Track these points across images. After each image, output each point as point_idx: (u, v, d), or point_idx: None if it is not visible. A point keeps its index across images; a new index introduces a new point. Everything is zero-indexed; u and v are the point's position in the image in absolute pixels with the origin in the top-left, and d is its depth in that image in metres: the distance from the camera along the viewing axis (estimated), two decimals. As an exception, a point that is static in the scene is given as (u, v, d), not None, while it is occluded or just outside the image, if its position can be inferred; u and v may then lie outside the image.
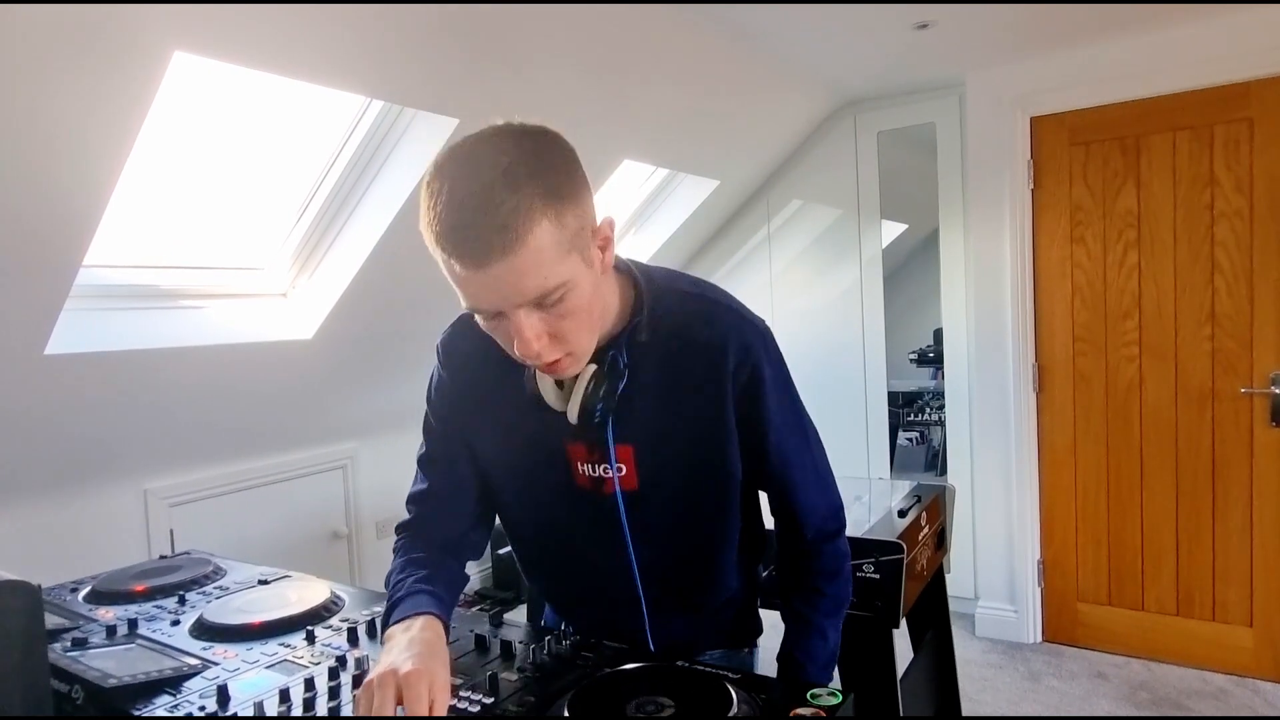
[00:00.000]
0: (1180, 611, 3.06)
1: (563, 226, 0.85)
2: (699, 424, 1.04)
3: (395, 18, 1.85)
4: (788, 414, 1.09)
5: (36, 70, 1.46)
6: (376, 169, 2.39)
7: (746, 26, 2.54)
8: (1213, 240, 2.89)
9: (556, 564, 1.20)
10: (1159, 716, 2.75)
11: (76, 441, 2.15)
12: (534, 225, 0.83)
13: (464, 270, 0.84)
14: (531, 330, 0.88)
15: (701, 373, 1.03)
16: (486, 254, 0.82)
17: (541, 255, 0.84)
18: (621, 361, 1.01)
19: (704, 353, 1.03)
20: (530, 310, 0.88)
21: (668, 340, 1.03)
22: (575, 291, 0.89)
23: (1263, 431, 2.86)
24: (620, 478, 1.06)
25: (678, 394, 1.03)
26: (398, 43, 1.93)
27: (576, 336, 0.92)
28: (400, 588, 1.05)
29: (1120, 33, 2.86)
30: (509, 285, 0.85)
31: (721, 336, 1.03)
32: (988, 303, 3.29)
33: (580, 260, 0.89)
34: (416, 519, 1.16)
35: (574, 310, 0.90)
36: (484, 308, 0.89)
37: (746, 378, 1.03)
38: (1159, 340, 3.01)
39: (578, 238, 0.88)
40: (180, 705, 0.97)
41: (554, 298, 0.87)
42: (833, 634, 1.13)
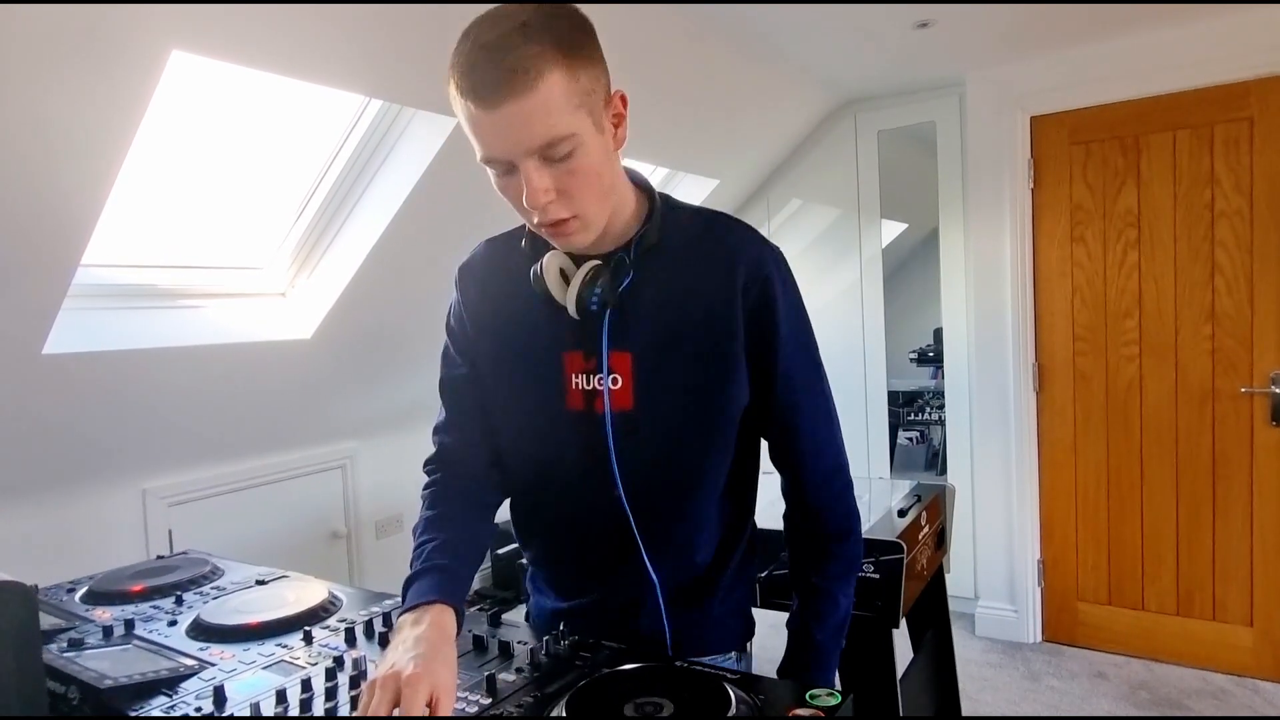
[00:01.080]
0: (1180, 611, 3.06)
1: (574, 80, 0.88)
2: (704, 336, 1.02)
3: (395, 18, 1.85)
4: (800, 339, 1.07)
5: (34, 69, 1.46)
6: (376, 168, 2.39)
7: (747, 26, 2.53)
8: (1213, 240, 2.89)
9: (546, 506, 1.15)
10: (1159, 716, 2.74)
11: (74, 441, 2.14)
12: (545, 71, 0.86)
13: (477, 109, 0.87)
14: (540, 183, 0.90)
15: (710, 283, 1.01)
16: (496, 92, 0.86)
17: (551, 102, 0.87)
18: (628, 259, 1.02)
19: (714, 263, 1.02)
20: (540, 164, 0.90)
21: (678, 249, 1.03)
22: (583, 149, 0.90)
23: (1263, 431, 2.86)
24: (614, 392, 1.03)
25: (683, 303, 1.02)
26: (397, 43, 1.93)
27: (584, 197, 0.93)
28: (419, 555, 1.05)
29: (1120, 33, 2.86)
30: (518, 128, 0.87)
31: (733, 248, 1.02)
32: (988, 302, 3.29)
33: (590, 121, 0.91)
34: (439, 451, 1.16)
35: (582, 169, 0.91)
36: (495, 155, 0.91)
37: (758, 293, 1.01)
38: (1159, 340, 3.01)
39: (589, 97, 0.90)
40: (177, 706, 0.97)
41: (562, 150, 0.89)
42: (844, 599, 1.10)
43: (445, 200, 2.40)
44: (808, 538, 1.12)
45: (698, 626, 1.13)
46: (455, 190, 2.37)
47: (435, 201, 2.37)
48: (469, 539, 1.09)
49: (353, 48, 1.89)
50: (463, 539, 1.08)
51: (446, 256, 2.44)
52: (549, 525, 1.18)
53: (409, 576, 1.03)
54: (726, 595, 1.15)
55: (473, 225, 2.55)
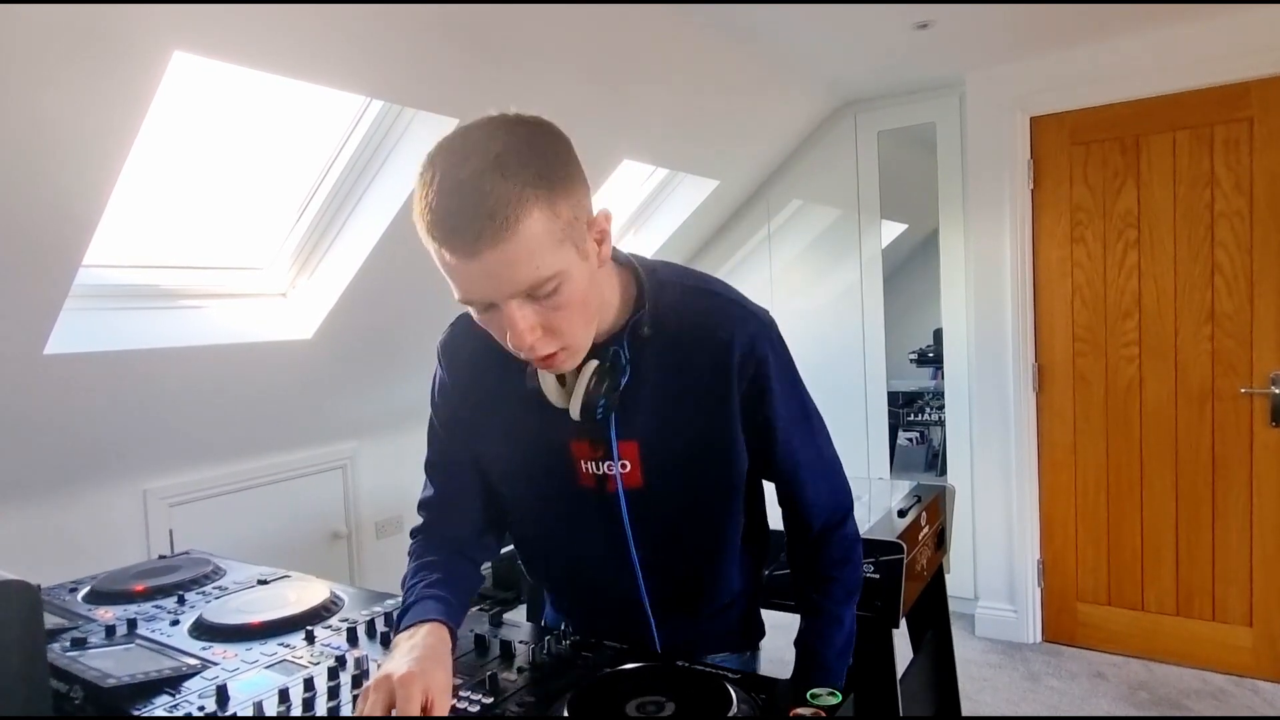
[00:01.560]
0: (1180, 611, 3.06)
1: (555, 216, 0.84)
2: (704, 419, 1.03)
3: (395, 18, 1.85)
4: (793, 405, 1.09)
5: (36, 70, 1.46)
6: (376, 169, 2.39)
7: (746, 26, 2.54)
8: (1213, 240, 2.89)
9: (560, 566, 1.20)
10: (1159, 716, 2.75)
11: (76, 441, 2.15)
12: (525, 214, 0.81)
13: (455, 259, 0.83)
14: (525, 322, 0.87)
15: (706, 367, 1.02)
16: (476, 242, 0.81)
17: (533, 244, 0.82)
18: (624, 357, 1.01)
19: (708, 347, 1.02)
20: (523, 302, 0.86)
21: (671, 335, 1.02)
22: (569, 283, 0.87)
23: (1263, 431, 2.86)
24: (624, 475, 1.05)
25: (682, 389, 1.03)
26: (398, 43, 1.93)
27: (571, 330, 0.91)
28: (410, 593, 1.05)
29: (1120, 33, 2.86)
30: (500, 275, 0.83)
31: (727, 331, 1.02)
32: (988, 303, 3.29)
33: (574, 252, 0.87)
34: (426, 525, 1.16)
35: (568, 303, 0.88)
36: (476, 299, 0.88)
37: (753, 372, 1.03)
38: (1159, 340, 3.01)
39: (571, 228, 0.86)
40: (179, 705, 0.97)
41: (547, 289, 0.86)
42: (848, 619, 1.13)
43: (446, 201, 2.40)
44: (811, 565, 1.15)
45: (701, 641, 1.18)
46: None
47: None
48: (460, 581, 1.10)
49: (353, 48, 1.89)
50: (454, 580, 1.08)
51: (447, 257, 2.45)
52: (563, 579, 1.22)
53: (402, 609, 1.03)
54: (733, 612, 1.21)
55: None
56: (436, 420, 1.15)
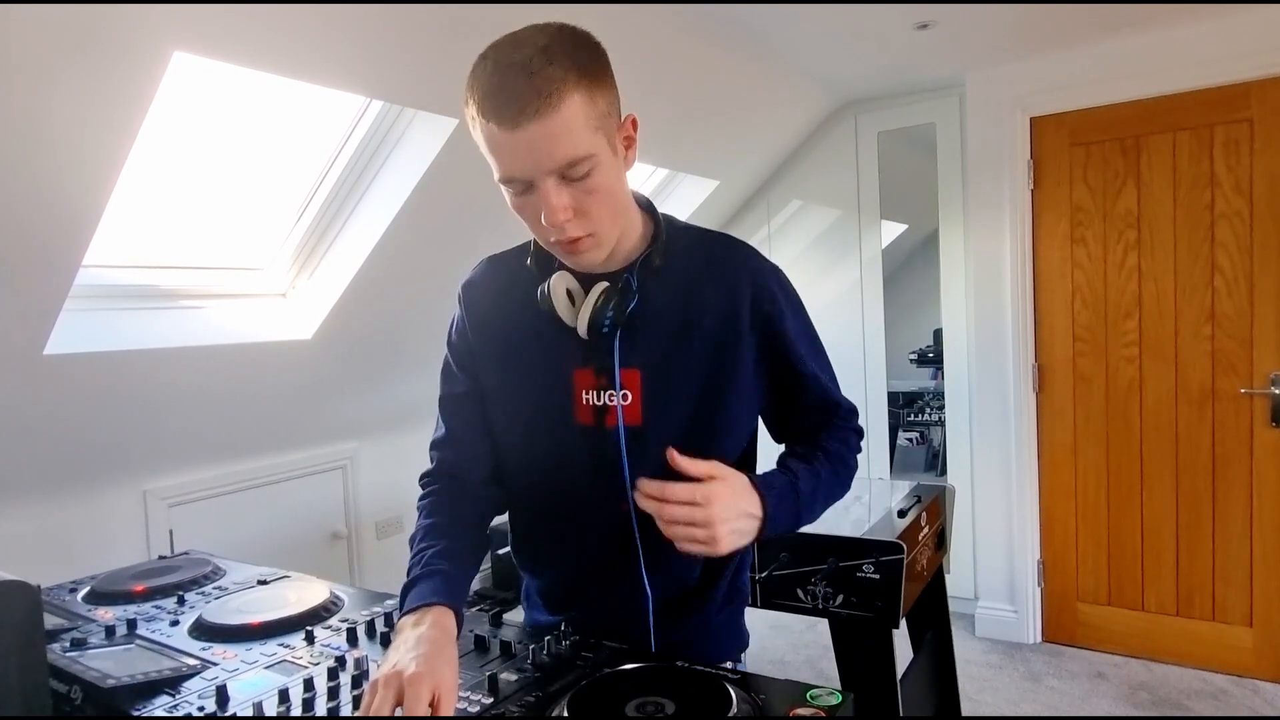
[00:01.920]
0: (1180, 612, 3.06)
1: (592, 102, 0.92)
2: (711, 357, 1.05)
3: (395, 18, 1.85)
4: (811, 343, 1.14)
5: (36, 70, 1.46)
6: (376, 169, 2.39)
7: (747, 27, 2.54)
8: (1213, 241, 2.89)
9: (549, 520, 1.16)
10: (1159, 717, 2.75)
11: (75, 441, 2.15)
12: (567, 94, 0.89)
13: (500, 130, 0.90)
14: (559, 200, 0.93)
15: (716, 299, 1.06)
16: (520, 113, 0.88)
17: (572, 123, 0.90)
18: (634, 281, 1.05)
19: (719, 281, 1.06)
20: (558, 182, 0.93)
21: (682, 268, 1.07)
22: (601, 169, 0.94)
23: (1263, 431, 2.86)
24: (624, 408, 1.05)
25: (689, 321, 1.05)
26: (398, 43, 1.93)
27: (599, 215, 0.97)
28: (418, 561, 1.05)
29: (1120, 33, 2.86)
30: (540, 148, 0.90)
31: (738, 266, 1.08)
32: (988, 303, 3.29)
33: (606, 142, 0.95)
34: (437, 467, 1.17)
35: (599, 187, 0.95)
36: (515, 174, 0.93)
37: (765, 316, 1.07)
38: (1159, 341, 3.01)
39: (605, 120, 0.94)
40: (179, 706, 0.97)
41: (581, 169, 0.92)
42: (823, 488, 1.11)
43: (446, 201, 2.40)
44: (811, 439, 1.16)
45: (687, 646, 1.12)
46: (456, 191, 2.37)
47: (436, 202, 2.38)
48: (467, 547, 1.10)
49: (353, 48, 1.89)
50: (461, 546, 1.09)
51: (447, 257, 2.45)
52: (550, 535, 1.18)
53: (407, 581, 1.04)
54: (719, 610, 1.17)
55: (473, 226, 2.56)
56: (451, 359, 1.17)
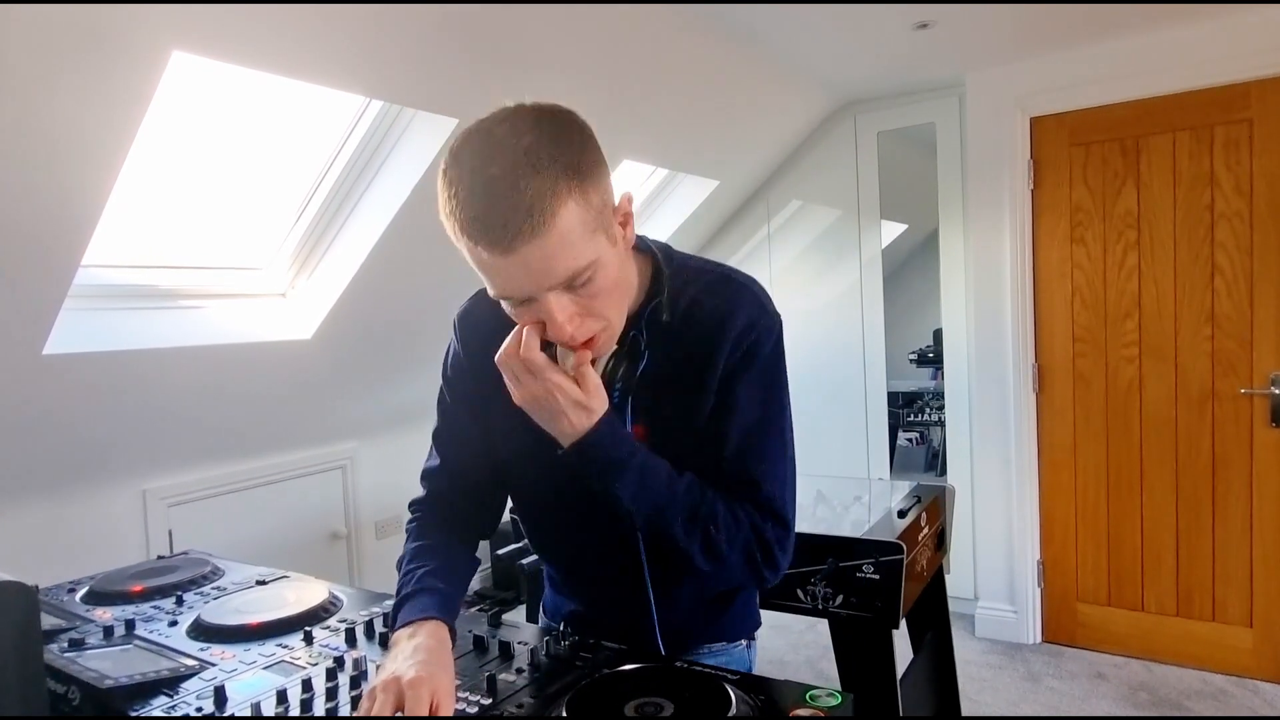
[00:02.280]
0: (1180, 612, 3.06)
1: (588, 205, 0.85)
2: (700, 402, 1.01)
3: (395, 18, 1.85)
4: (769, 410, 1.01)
5: (35, 69, 1.46)
6: (376, 169, 2.39)
7: (746, 27, 2.54)
8: (1213, 241, 2.89)
9: (565, 544, 1.17)
10: (1159, 717, 2.75)
11: (74, 441, 2.14)
12: (560, 206, 0.82)
13: (491, 257, 0.83)
14: (563, 313, 0.88)
15: (705, 345, 1.00)
16: (514, 238, 0.81)
17: (570, 235, 0.83)
18: (642, 342, 1.00)
19: (711, 325, 1.00)
20: (560, 293, 0.87)
21: (686, 318, 1.01)
22: (602, 270, 0.88)
23: (1263, 432, 2.86)
24: None
25: (693, 373, 1.01)
26: (397, 43, 1.93)
27: (608, 314, 0.92)
28: (409, 581, 1.04)
29: (1120, 33, 2.86)
30: (538, 269, 0.84)
31: (730, 306, 1.00)
32: (988, 303, 3.29)
33: (605, 238, 0.88)
34: (428, 496, 1.16)
35: (603, 289, 0.89)
36: (514, 294, 0.88)
37: (742, 353, 0.99)
38: (1159, 341, 3.01)
39: (602, 215, 0.87)
40: (177, 706, 0.97)
41: (583, 278, 0.86)
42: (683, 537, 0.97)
43: (445, 201, 2.40)
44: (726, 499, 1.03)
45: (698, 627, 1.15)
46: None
47: (435, 202, 2.37)
48: (457, 567, 1.10)
49: (353, 48, 1.89)
50: (451, 567, 1.08)
51: (446, 257, 2.44)
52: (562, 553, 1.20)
53: (399, 599, 1.03)
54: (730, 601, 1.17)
55: (473, 226, 2.56)
56: (447, 391, 1.14)
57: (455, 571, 1.09)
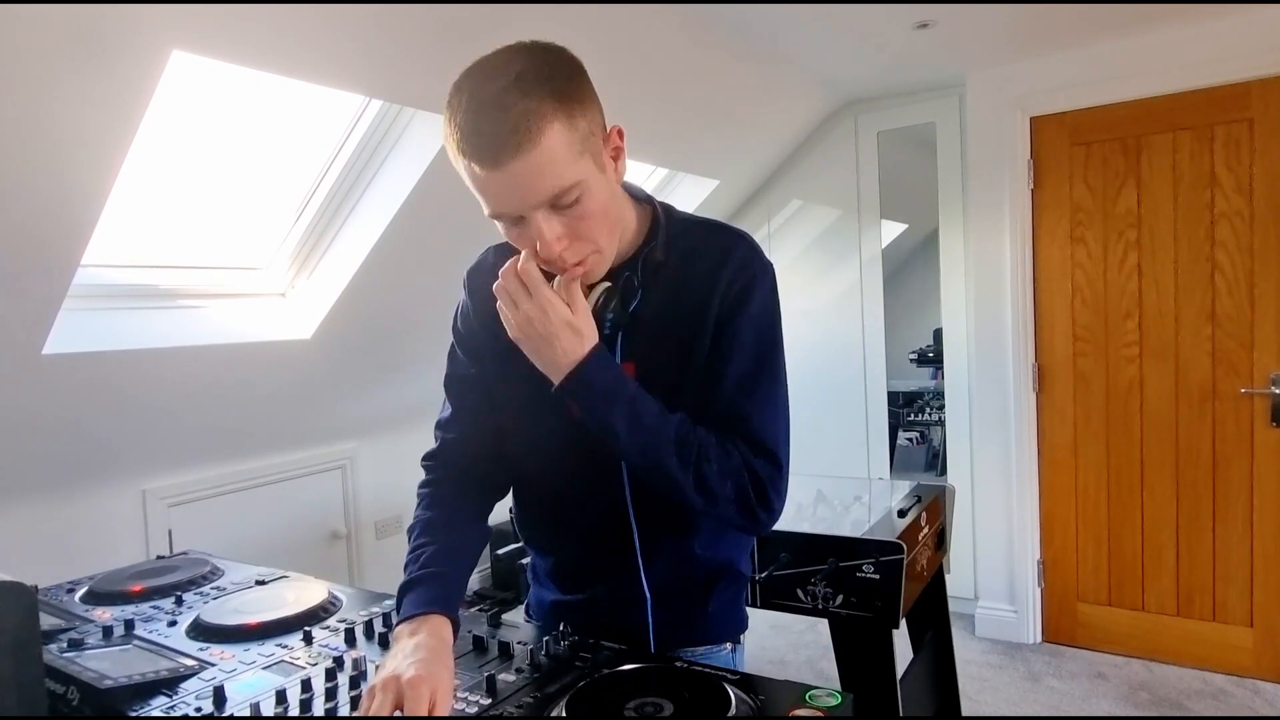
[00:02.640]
0: (1180, 612, 3.06)
1: (573, 128, 0.90)
2: (701, 341, 1.03)
3: (395, 18, 1.85)
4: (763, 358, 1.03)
5: (34, 69, 1.46)
6: (375, 168, 2.39)
7: (746, 27, 2.53)
8: (1213, 241, 2.89)
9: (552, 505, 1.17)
10: (1159, 717, 2.74)
11: (74, 441, 2.14)
12: (546, 125, 0.87)
13: (482, 171, 0.89)
14: (551, 232, 0.92)
15: (699, 289, 1.03)
16: (500, 152, 0.87)
17: (554, 154, 0.88)
18: (636, 279, 1.04)
19: (705, 269, 1.04)
20: (548, 213, 0.92)
21: (678, 261, 1.05)
22: (590, 193, 0.92)
23: (1263, 431, 2.86)
24: None
25: (684, 313, 1.04)
26: (397, 42, 1.93)
27: (595, 235, 0.96)
28: (415, 559, 1.06)
29: (1121, 33, 2.86)
30: (525, 185, 0.89)
31: (724, 251, 1.04)
32: (988, 303, 3.29)
33: (592, 163, 0.93)
34: (442, 446, 1.17)
35: (590, 212, 0.93)
36: (504, 211, 0.92)
37: (735, 294, 1.02)
38: (1159, 340, 3.01)
39: (589, 141, 0.92)
40: (177, 706, 0.97)
41: (569, 198, 0.91)
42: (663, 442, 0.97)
43: (445, 200, 2.40)
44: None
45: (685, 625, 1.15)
46: (455, 190, 2.35)
47: (435, 201, 2.37)
48: (465, 544, 1.11)
49: (353, 48, 1.89)
50: (459, 543, 1.09)
51: (446, 256, 2.45)
52: (552, 522, 1.19)
53: (405, 582, 1.04)
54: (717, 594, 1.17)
55: (472, 225, 2.55)
56: (456, 343, 1.18)
57: (463, 547, 1.10)
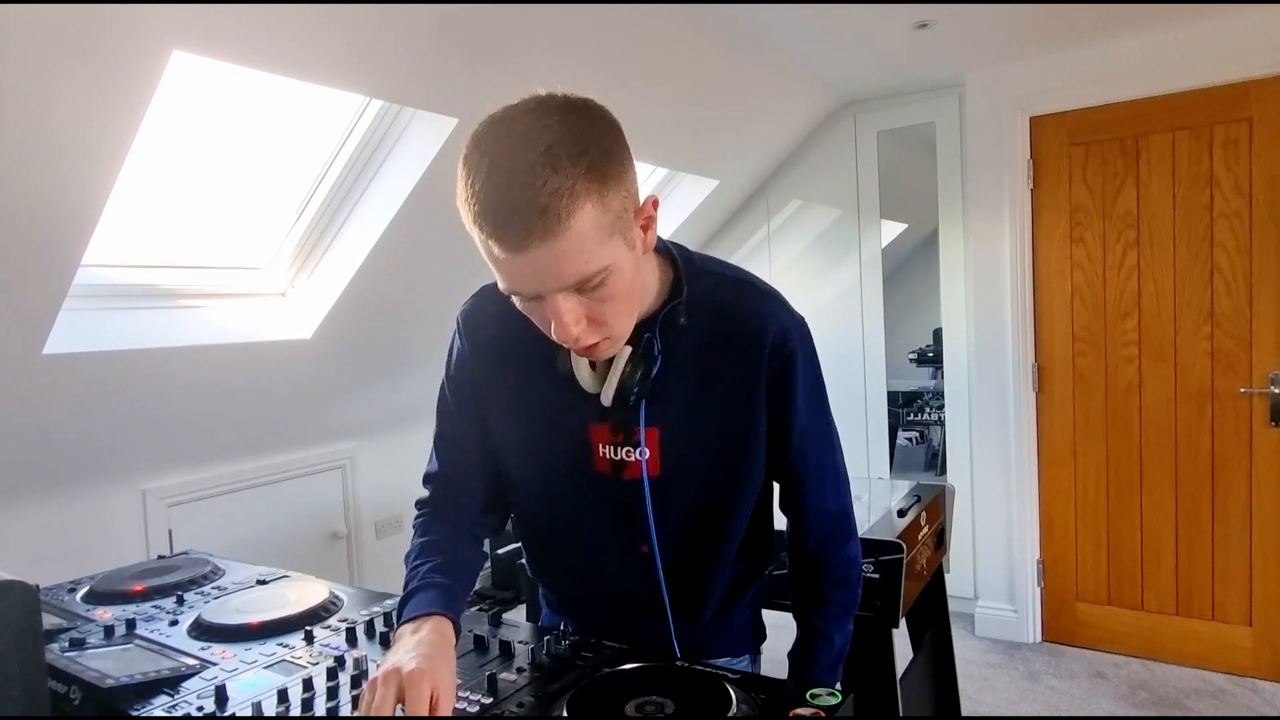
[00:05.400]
0: (1180, 611, 3.06)
1: (606, 209, 0.83)
2: (729, 407, 1.02)
3: (395, 17, 1.85)
4: (815, 409, 1.08)
5: (35, 69, 1.46)
6: (376, 168, 2.39)
7: (747, 26, 2.53)
8: (1212, 240, 2.89)
9: (568, 556, 1.16)
10: (1159, 716, 2.75)
11: (74, 441, 2.14)
12: (577, 208, 0.79)
13: (502, 252, 0.81)
14: (570, 315, 0.86)
15: (737, 355, 1.01)
16: (526, 237, 0.79)
17: (584, 239, 0.81)
18: (657, 345, 0.99)
19: (741, 336, 1.01)
20: (569, 294, 0.85)
21: (704, 323, 1.01)
22: (616, 275, 0.86)
23: (1262, 431, 2.86)
24: (642, 462, 1.03)
25: (709, 377, 1.01)
26: (397, 42, 1.93)
27: (616, 320, 0.90)
28: (414, 576, 1.04)
29: (1120, 33, 2.86)
30: (549, 269, 0.82)
31: (760, 320, 1.01)
32: (987, 303, 3.29)
33: (622, 243, 0.86)
34: (431, 499, 1.15)
35: (614, 294, 0.87)
36: (523, 291, 0.86)
37: (781, 364, 1.02)
38: (1158, 340, 3.01)
39: (621, 220, 0.85)
40: (178, 706, 0.97)
41: (595, 282, 0.85)
42: (839, 637, 1.13)
43: (445, 200, 2.38)
44: (808, 581, 1.15)
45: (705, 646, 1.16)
46: (455, 190, 2.37)
47: (435, 201, 2.37)
48: (463, 564, 1.09)
49: (352, 47, 1.89)
50: (457, 563, 1.08)
51: (447, 256, 2.45)
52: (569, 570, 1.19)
53: (405, 594, 1.03)
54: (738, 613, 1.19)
55: (473, 225, 2.56)
56: (449, 392, 1.12)
57: (461, 566, 1.08)
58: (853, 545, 1.15)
